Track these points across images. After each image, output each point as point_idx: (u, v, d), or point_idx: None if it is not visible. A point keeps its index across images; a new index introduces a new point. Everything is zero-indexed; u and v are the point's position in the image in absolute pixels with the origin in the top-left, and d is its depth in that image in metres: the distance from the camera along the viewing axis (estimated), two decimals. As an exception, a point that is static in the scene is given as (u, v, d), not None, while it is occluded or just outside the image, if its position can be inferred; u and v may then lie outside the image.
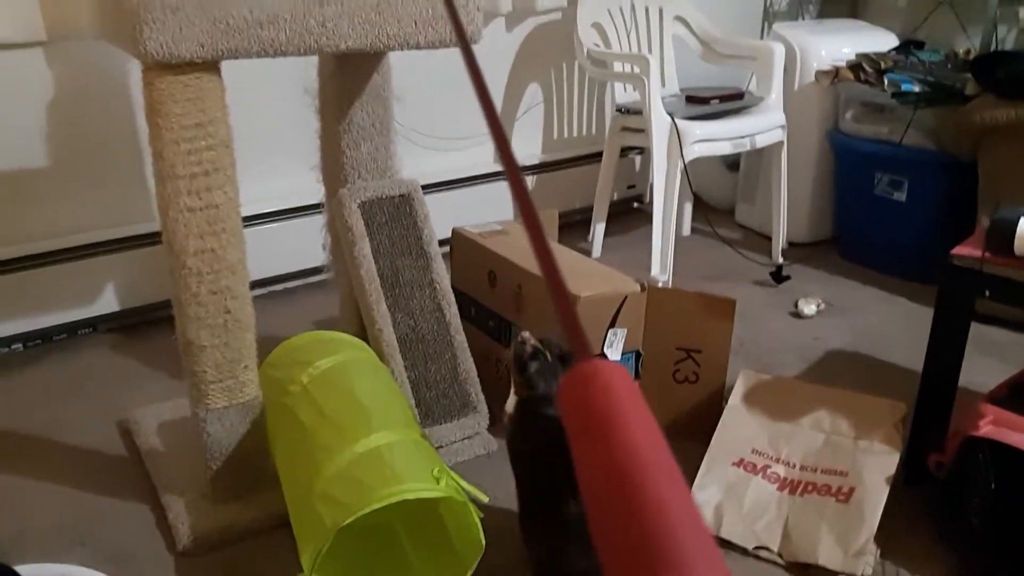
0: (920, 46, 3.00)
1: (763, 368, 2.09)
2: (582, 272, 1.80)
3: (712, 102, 2.63)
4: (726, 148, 2.55)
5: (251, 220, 2.30)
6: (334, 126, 1.75)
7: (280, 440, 1.49)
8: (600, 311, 1.70)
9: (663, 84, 2.86)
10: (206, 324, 1.43)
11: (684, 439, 1.60)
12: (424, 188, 1.83)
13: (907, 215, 2.63)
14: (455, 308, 1.78)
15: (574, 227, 2.97)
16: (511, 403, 1.45)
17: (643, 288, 1.76)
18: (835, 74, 2.76)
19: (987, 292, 1.51)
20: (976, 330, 1.65)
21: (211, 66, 1.34)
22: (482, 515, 1.29)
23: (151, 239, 2.23)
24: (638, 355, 1.78)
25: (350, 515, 1.19)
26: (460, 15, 0.89)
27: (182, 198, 1.36)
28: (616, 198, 3.06)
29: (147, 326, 2.32)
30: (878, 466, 1.56)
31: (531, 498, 1.39)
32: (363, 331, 1.75)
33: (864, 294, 2.61)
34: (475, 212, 2.51)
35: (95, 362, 2.15)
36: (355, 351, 1.58)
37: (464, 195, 2.76)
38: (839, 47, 2.82)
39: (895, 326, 2.38)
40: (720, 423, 1.72)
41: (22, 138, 2.09)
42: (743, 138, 2.57)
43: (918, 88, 2.56)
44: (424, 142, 2.72)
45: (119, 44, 1.39)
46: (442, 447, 1.72)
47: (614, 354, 1.75)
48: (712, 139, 2.51)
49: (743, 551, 1.50)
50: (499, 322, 1.93)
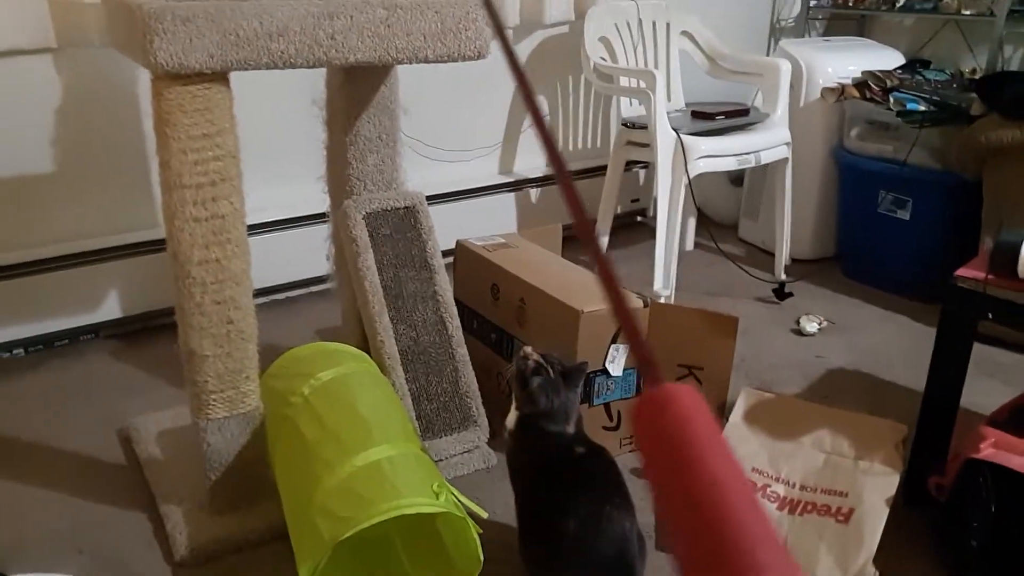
0: (926, 65, 3.01)
1: (764, 385, 2.09)
2: (585, 287, 1.80)
3: (718, 118, 2.63)
4: (731, 164, 2.56)
5: (255, 228, 2.31)
6: (341, 137, 1.76)
7: (280, 451, 1.48)
8: (602, 327, 1.70)
9: (669, 99, 2.86)
10: (209, 334, 1.43)
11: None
12: (428, 199, 1.83)
13: (911, 234, 2.63)
14: (457, 321, 1.78)
15: (578, 241, 2.97)
16: (512, 418, 1.46)
17: (645, 304, 1.76)
18: (841, 92, 2.76)
19: (990, 314, 1.50)
20: (978, 351, 1.64)
21: (220, 77, 1.34)
22: (481, 531, 1.29)
23: (155, 246, 2.23)
24: (639, 371, 1.78)
25: (349, 529, 1.19)
26: (500, 17, 0.89)
27: (188, 208, 1.37)
28: (620, 212, 3.06)
29: (149, 333, 2.32)
30: (878, 487, 1.56)
31: (530, 514, 1.39)
32: (365, 342, 1.75)
33: (866, 312, 2.61)
34: (479, 224, 2.52)
35: (96, 368, 2.16)
36: (357, 363, 1.58)
37: (468, 207, 2.77)
38: (845, 65, 2.83)
39: (897, 345, 2.38)
40: (721, 441, 1.71)
41: (29, 144, 2.10)
42: (748, 154, 2.57)
43: (923, 107, 2.57)
44: (429, 153, 2.73)
45: (129, 53, 1.39)
46: (442, 460, 1.72)
47: (615, 370, 1.75)
48: (717, 155, 2.51)
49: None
50: (501, 336, 1.93)
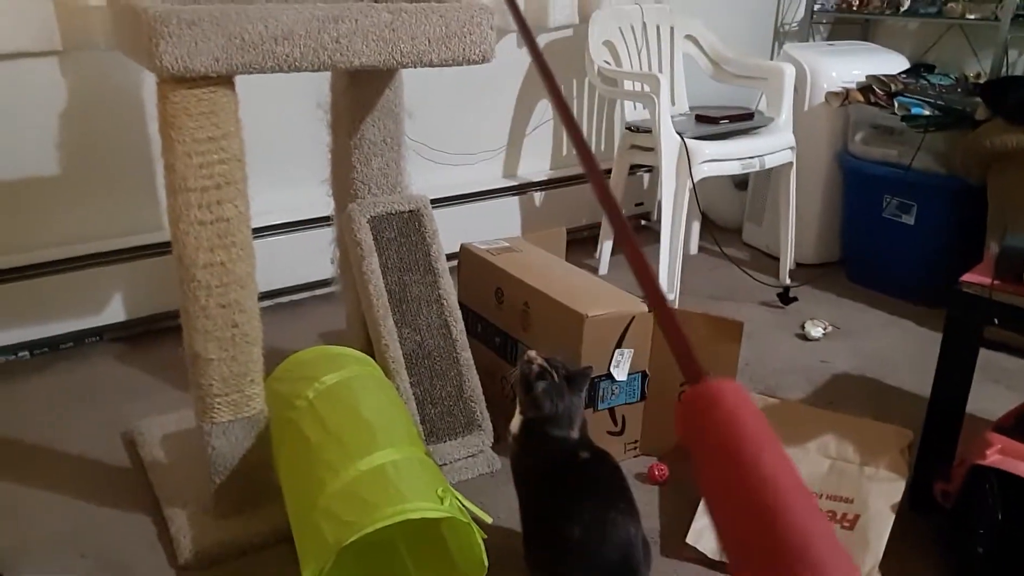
0: (930, 69, 3.01)
1: (768, 390, 2.09)
2: (589, 291, 1.80)
3: (722, 122, 2.63)
4: (735, 168, 2.56)
5: (260, 232, 2.31)
6: (345, 141, 1.76)
7: (284, 455, 1.48)
8: (607, 331, 1.70)
9: (673, 103, 2.86)
10: (214, 337, 1.43)
11: (689, 460, 1.59)
12: (432, 202, 1.83)
13: (915, 238, 2.62)
14: (462, 325, 1.78)
15: (581, 244, 2.97)
16: (516, 422, 1.45)
17: (650, 309, 1.76)
18: (845, 96, 2.76)
19: (996, 320, 1.50)
20: (984, 357, 1.64)
21: (226, 80, 1.34)
22: (485, 535, 1.29)
23: (159, 249, 2.23)
24: (644, 375, 1.78)
25: (353, 534, 1.19)
26: (523, 16, 0.89)
27: (193, 211, 1.37)
28: (624, 215, 3.05)
29: (153, 336, 2.33)
30: (884, 493, 1.55)
31: (535, 518, 1.38)
32: (369, 346, 1.75)
33: (871, 317, 2.60)
34: (483, 227, 2.52)
35: (101, 371, 2.16)
36: (361, 366, 1.58)
37: (472, 210, 2.77)
38: (850, 69, 2.83)
39: (902, 350, 2.37)
40: (725, 446, 1.71)
41: (34, 146, 2.10)
42: (752, 158, 2.57)
43: (928, 112, 2.56)
44: (433, 157, 2.73)
45: (134, 56, 1.40)
46: (446, 464, 1.71)
47: (620, 374, 1.75)
48: (721, 159, 2.51)
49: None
50: (505, 339, 1.93)
